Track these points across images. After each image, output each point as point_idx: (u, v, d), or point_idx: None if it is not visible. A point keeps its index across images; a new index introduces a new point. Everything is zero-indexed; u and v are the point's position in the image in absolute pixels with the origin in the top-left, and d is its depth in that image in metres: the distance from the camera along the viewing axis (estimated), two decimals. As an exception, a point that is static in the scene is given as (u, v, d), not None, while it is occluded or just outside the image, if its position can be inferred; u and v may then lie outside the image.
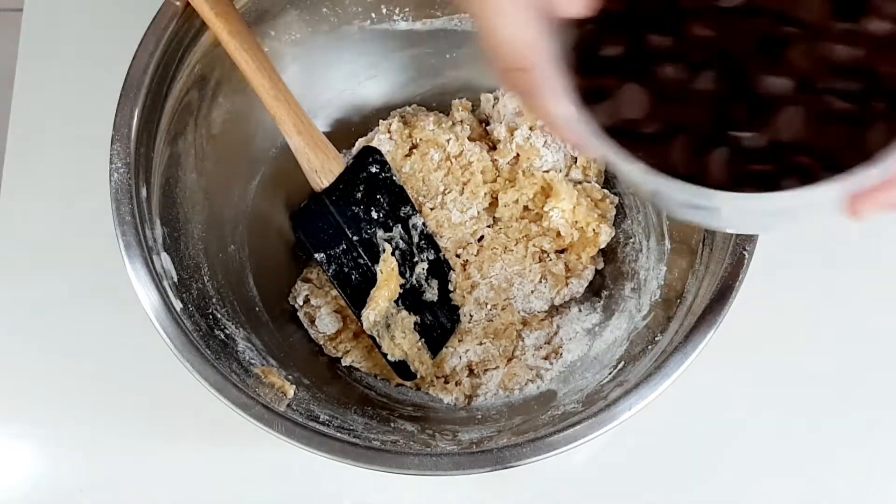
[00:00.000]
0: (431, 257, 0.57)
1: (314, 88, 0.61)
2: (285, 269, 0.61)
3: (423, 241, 0.57)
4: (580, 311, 0.59)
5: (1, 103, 0.66)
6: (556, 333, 0.59)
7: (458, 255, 0.59)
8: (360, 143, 0.61)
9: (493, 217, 0.60)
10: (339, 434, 0.48)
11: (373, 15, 0.60)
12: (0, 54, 0.72)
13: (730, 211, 0.34)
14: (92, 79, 0.64)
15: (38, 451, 0.59)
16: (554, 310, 0.59)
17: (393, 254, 0.55)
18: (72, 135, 0.64)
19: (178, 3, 0.50)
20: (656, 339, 0.52)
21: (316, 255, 0.54)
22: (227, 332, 0.53)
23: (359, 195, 0.54)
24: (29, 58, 0.66)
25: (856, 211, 0.32)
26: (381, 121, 0.61)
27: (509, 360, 0.58)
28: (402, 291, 0.55)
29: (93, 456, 0.59)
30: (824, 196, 0.31)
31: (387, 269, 0.54)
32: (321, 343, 0.59)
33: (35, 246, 0.62)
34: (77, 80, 0.65)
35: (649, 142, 0.34)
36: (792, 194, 0.31)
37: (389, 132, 0.60)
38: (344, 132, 0.63)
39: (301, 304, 0.59)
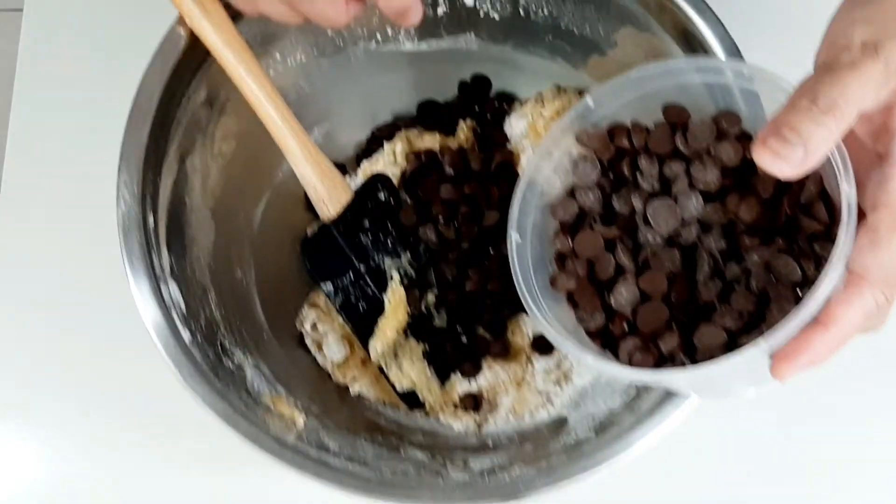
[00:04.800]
0: (442, 283, 0.57)
1: (318, 110, 0.61)
2: (292, 291, 0.60)
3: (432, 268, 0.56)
4: (590, 334, 0.59)
5: (1, 103, 0.66)
6: (565, 357, 0.58)
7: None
8: (364, 165, 0.61)
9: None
10: (349, 466, 0.48)
11: (378, 36, 0.60)
12: (0, 54, 0.72)
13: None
14: (92, 79, 0.64)
15: (38, 451, 0.59)
16: (564, 333, 0.59)
17: (402, 282, 0.54)
18: (72, 134, 0.64)
19: (182, 32, 0.50)
20: (669, 365, 0.51)
21: (323, 286, 0.54)
22: (236, 360, 0.53)
23: (367, 223, 0.53)
24: (29, 58, 0.65)
25: (778, 374, 0.36)
26: (385, 142, 0.61)
27: (519, 384, 0.58)
28: (410, 320, 0.55)
29: (93, 456, 0.59)
30: (734, 365, 0.37)
31: (395, 298, 0.54)
32: (329, 370, 0.58)
33: (35, 246, 0.62)
34: (77, 80, 0.65)
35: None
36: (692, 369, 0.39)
37: (394, 154, 0.60)
38: (348, 154, 0.62)
39: (308, 329, 0.59)
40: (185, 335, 0.49)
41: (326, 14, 0.44)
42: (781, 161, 0.34)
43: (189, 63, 0.51)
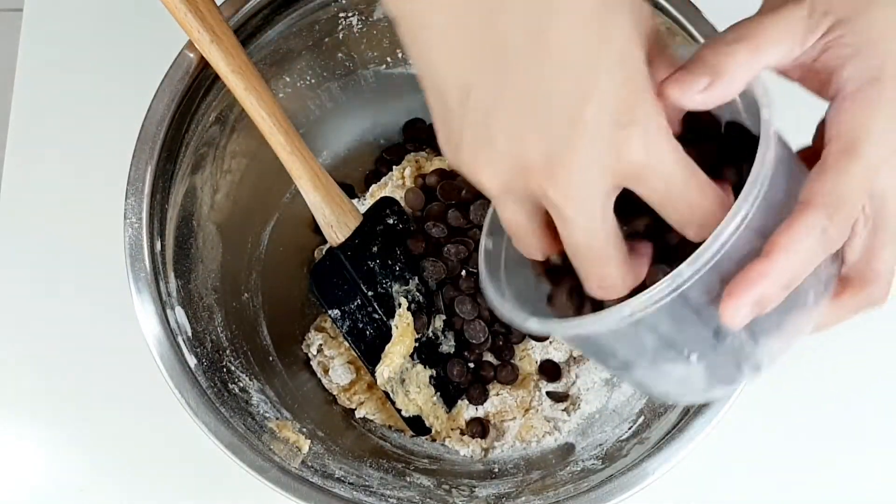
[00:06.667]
0: (449, 309, 0.56)
1: (327, 132, 0.61)
2: (298, 315, 0.60)
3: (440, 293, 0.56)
4: (598, 360, 0.58)
5: (1, 103, 0.66)
6: (573, 383, 0.58)
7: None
8: (372, 187, 0.61)
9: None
10: (354, 494, 0.48)
11: (388, 59, 0.59)
12: (0, 54, 0.72)
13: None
14: (92, 79, 0.65)
15: (38, 451, 0.59)
16: (571, 359, 0.59)
17: (409, 308, 0.54)
18: (72, 135, 0.64)
19: (192, 56, 0.50)
20: (678, 395, 0.51)
21: (330, 312, 0.53)
22: (242, 384, 0.53)
23: (375, 248, 0.53)
24: (29, 58, 0.65)
25: (725, 313, 0.33)
26: (394, 167, 0.61)
27: (526, 410, 0.57)
28: (417, 345, 0.54)
29: (93, 456, 0.59)
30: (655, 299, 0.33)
31: (402, 324, 0.53)
32: (335, 393, 0.58)
33: (35, 246, 0.62)
34: (77, 80, 0.65)
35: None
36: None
37: (403, 178, 0.60)
38: (356, 176, 0.62)
39: (314, 353, 0.58)
40: (191, 361, 0.49)
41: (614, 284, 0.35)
42: (684, 87, 0.33)
43: (198, 88, 0.51)
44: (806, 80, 0.36)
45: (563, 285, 0.39)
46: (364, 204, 0.60)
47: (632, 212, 0.38)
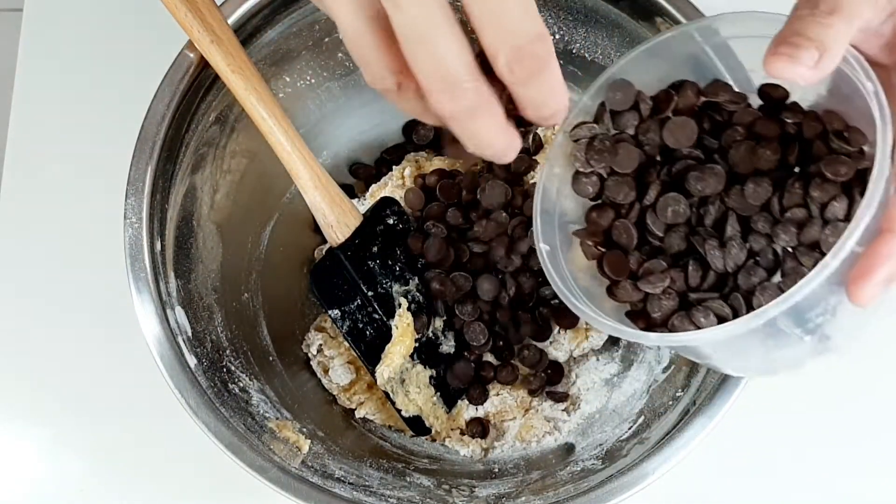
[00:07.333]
0: (449, 310, 0.56)
1: (327, 132, 0.61)
2: (299, 315, 0.60)
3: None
4: (598, 360, 0.58)
5: (1, 103, 0.66)
6: (573, 383, 0.58)
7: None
8: (372, 188, 0.61)
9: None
10: (355, 494, 0.48)
11: (388, 59, 0.59)
12: (0, 54, 0.72)
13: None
14: (92, 79, 0.65)
15: (38, 451, 0.59)
16: (571, 359, 0.59)
17: (409, 308, 0.54)
18: (72, 135, 0.64)
19: (192, 56, 0.50)
20: (678, 395, 0.51)
21: (330, 312, 0.53)
22: (242, 384, 0.53)
23: (375, 249, 0.53)
24: (29, 58, 0.66)
25: (857, 295, 0.33)
26: (394, 167, 0.61)
27: (526, 410, 0.57)
28: (417, 345, 0.54)
29: (93, 456, 0.59)
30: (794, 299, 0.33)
31: (402, 324, 0.53)
32: (335, 393, 0.58)
33: (35, 247, 0.62)
34: (77, 80, 0.65)
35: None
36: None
37: (403, 178, 0.60)
38: (356, 176, 0.62)
39: (314, 353, 0.58)
40: (191, 361, 0.49)
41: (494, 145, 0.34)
42: (796, 63, 0.33)
43: (198, 88, 0.51)
44: (871, 41, 0.36)
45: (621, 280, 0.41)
46: (364, 204, 0.60)
47: None
